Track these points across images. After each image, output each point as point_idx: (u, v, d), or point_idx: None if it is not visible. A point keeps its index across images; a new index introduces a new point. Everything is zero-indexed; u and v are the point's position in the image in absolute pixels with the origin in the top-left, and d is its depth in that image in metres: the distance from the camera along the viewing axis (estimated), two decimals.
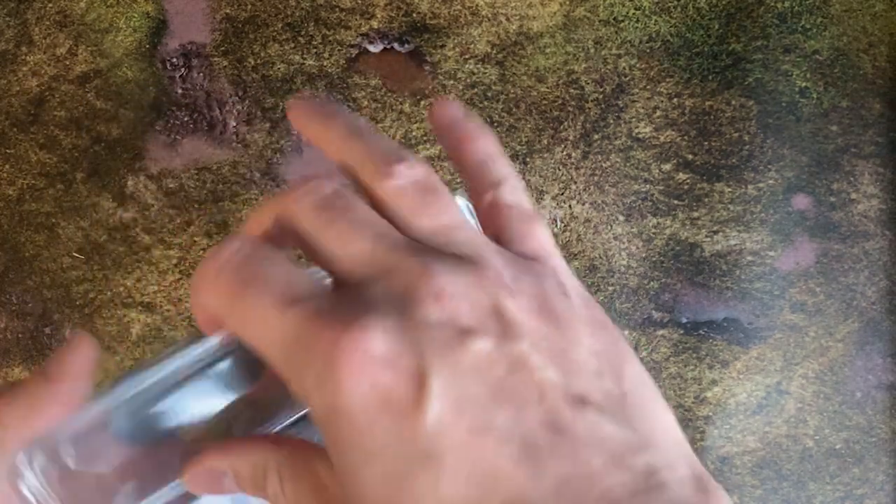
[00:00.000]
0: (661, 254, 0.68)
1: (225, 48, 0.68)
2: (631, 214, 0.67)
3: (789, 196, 0.69)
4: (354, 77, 0.68)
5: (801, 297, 0.69)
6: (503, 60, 0.67)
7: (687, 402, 0.69)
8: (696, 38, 0.68)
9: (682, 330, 0.68)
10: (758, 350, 0.69)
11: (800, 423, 0.70)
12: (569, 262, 0.68)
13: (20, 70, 0.69)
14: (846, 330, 0.69)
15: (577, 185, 0.67)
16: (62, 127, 0.70)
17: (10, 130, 0.70)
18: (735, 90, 0.68)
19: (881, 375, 0.70)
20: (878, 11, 0.69)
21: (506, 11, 0.66)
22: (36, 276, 0.71)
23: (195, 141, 0.70)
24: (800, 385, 0.70)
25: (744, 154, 0.68)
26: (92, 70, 0.68)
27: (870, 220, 0.69)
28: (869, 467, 0.69)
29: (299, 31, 0.67)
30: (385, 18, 0.66)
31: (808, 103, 0.69)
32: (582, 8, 0.67)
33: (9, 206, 0.71)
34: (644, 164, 0.67)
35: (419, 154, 0.68)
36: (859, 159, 0.69)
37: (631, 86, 0.67)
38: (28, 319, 0.72)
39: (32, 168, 0.70)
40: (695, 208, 0.68)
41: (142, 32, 0.68)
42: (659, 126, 0.67)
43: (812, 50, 0.69)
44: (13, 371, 0.72)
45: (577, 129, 0.67)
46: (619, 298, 0.68)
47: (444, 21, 0.66)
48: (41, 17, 0.67)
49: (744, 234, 0.68)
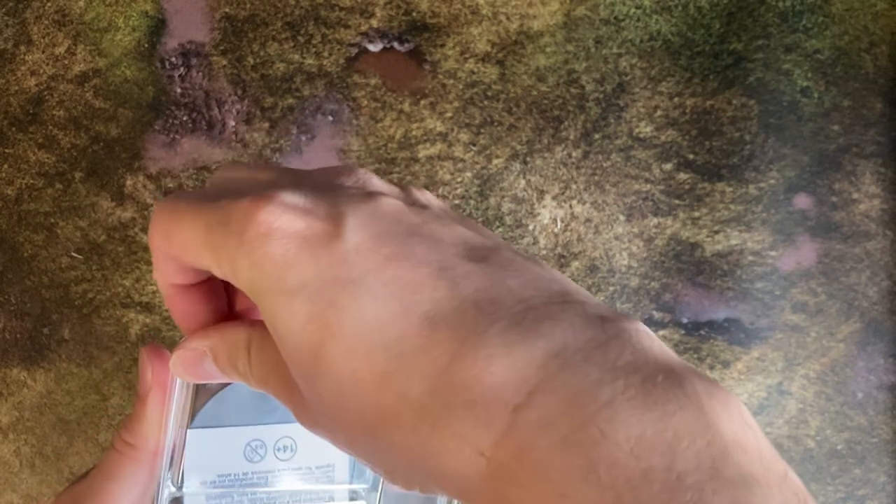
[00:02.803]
0: (661, 254, 0.67)
1: (224, 47, 0.68)
2: (632, 214, 0.67)
3: (790, 196, 0.69)
4: (354, 76, 0.68)
5: (802, 298, 0.69)
6: (503, 59, 0.66)
7: None
8: (697, 37, 0.68)
9: (682, 330, 0.68)
10: (759, 350, 0.69)
11: (801, 424, 0.69)
12: (569, 261, 0.68)
13: (19, 69, 0.68)
14: (848, 330, 0.69)
15: (577, 185, 0.67)
16: (61, 126, 0.69)
17: (8, 130, 0.70)
18: (736, 89, 0.68)
19: (883, 376, 0.69)
20: (880, 10, 0.69)
21: (506, 10, 0.66)
22: (34, 276, 0.71)
23: (194, 140, 0.70)
24: (801, 385, 0.69)
25: (745, 154, 0.68)
26: (91, 69, 0.68)
27: (871, 220, 0.69)
28: (871, 468, 0.69)
29: (299, 30, 0.67)
30: (385, 17, 0.66)
31: (809, 103, 0.69)
32: (582, 7, 0.67)
33: (7, 206, 0.71)
34: (645, 164, 0.67)
35: (419, 154, 0.68)
36: (861, 159, 0.69)
37: (632, 85, 0.67)
38: (26, 319, 0.71)
39: (31, 168, 0.70)
40: (696, 208, 0.68)
41: (140, 31, 0.68)
42: (660, 125, 0.67)
43: (813, 49, 0.69)
44: (12, 371, 0.72)
45: (578, 129, 0.67)
46: (619, 298, 0.68)
47: (444, 20, 0.66)
48: (40, 16, 0.67)
49: (745, 234, 0.68)
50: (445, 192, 0.68)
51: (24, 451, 0.72)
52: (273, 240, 0.20)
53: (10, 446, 0.72)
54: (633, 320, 0.20)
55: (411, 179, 0.67)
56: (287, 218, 0.20)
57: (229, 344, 0.25)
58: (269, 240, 0.20)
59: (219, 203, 0.22)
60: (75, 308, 0.71)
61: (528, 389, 0.18)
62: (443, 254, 0.20)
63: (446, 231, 0.21)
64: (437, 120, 0.67)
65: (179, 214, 0.23)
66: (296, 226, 0.20)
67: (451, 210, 0.24)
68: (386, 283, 0.20)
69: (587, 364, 0.18)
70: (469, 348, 0.19)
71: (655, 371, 0.18)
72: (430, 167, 0.68)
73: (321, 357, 0.20)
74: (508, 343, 0.19)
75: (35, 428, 0.72)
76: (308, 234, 0.20)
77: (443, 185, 0.67)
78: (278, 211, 0.20)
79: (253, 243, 0.20)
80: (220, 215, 0.22)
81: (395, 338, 0.19)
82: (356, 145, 0.68)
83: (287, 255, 0.20)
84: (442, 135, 0.67)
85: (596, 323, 0.19)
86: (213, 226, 0.22)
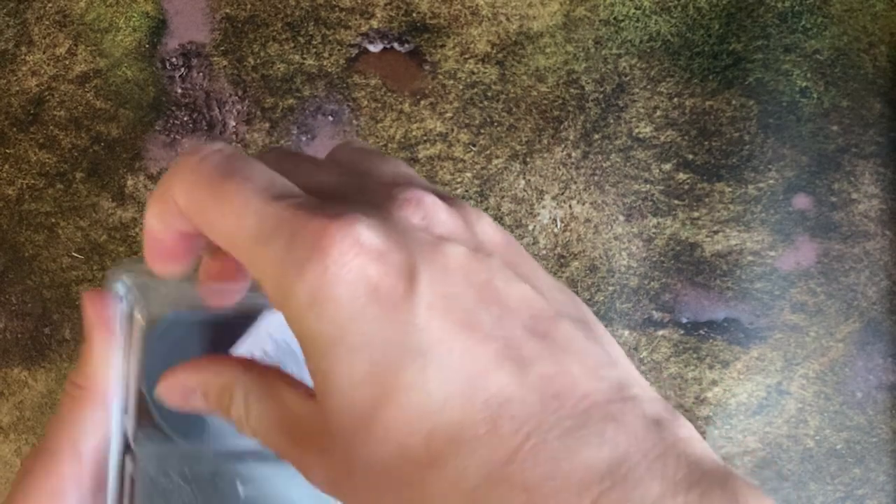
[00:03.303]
0: (661, 254, 0.68)
1: (224, 48, 0.68)
2: (631, 214, 0.67)
3: (790, 196, 0.69)
4: (354, 77, 0.68)
5: (801, 298, 0.69)
6: (503, 60, 0.67)
7: (687, 403, 0.69)
8: (696, 37, 0.68)
9: (682, 330, 0.68)
10: (758, 350, 0.69)
11: (800, 424, 0.69)
12: (569, 262, 0.68)
13: (19, 70, 0.68)
14: (847, 330, 0.69)
15: (577, 185, 0.67)
16: (62, 127, 0.70)
17: (9, 130, 0.70)
18: (735, 90, 0.68)
19: (882, 376, 0.70)
20: (879, 11, 0.69)
21: (506, 11, 0.66)
22: (35, 276, 0.71)
23: (195, 141, 0.70)
24: (800, 385, 0.69)
25: (744, 154, 0.68)
26: (91, 70, 0.68)
27: (871, 220, 0.69)
28: (870, 468, 0.69)
29: (299, 30, 0.67)
30: (385, 18, 0.66)
31: (808, 103, 0.69)
32: (582, 7, 0.67)
33: (8, 206, 0.71)
34: (644, 164, 0.67)
35: (419, 154, 0.68)
36: (860, 159, 0.69)
37: (631, 85, 0.67)
38: (27, 319, 0.72)
39: (32, 168, 0.70)
40: (695, 208, 0.68)
41: (141, 32, 0.68)
42: (659, 126, 0.67)
43: (812, 50, 0.69)
44: (12, 371, 0.72)
45: (578, 129, 0.67)
46: (619, 298, 0.68)
47: (444, 21, 0.66)
48: (41, 16, 0.67)
49: (744, 234, 0.68)
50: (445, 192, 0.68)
51: (24, 450, 0.72)
52: (343, 283, 0.19)
53: (11, 446, 0.72)
54: (683, 424, 0.20)
55: None
56: (361, 261, 0.19)
57: (220, 385, 0.23)
58: (338, 282, 0.19)
59: (282, 203, 0.20)
60: (76, 308, 0.71)
61: (589, 499, 0.18)
62: (509, 326, 0.20)
63: (512, 292, 0.20)
64: (437, 120, 0.67)
65: (229, 195, 0.20)
66: (369, 272, 0.19)
67: (508, 243, 0.23)
68: (453, 359, 0.19)
69: (648, 478, 0.18)
70: (531, 448, 0.18)
71: (711, 485, 0.18)
72: (431, 167, 0.68)
73: (374, 422, 0.19)
74: (571, 448, 0.18)
75: (36, 428, 0.72)
76: (380, 284, 0.19)
77: (443, 186, 0.67)
78: (354, 250, 0.19)
79: (320, 280, 0.19)
80: (282, 220, 0.20)
81: (456, 420, 0.19)
82: None
83: (355, 304, 0.19)
84: (442, 135, 0.67)
85: (653, 429, 0.19)
86: (271, 234, 0.20)
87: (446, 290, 0.19)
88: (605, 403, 0.19)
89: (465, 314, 0.19)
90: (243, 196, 0.20)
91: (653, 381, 0.68)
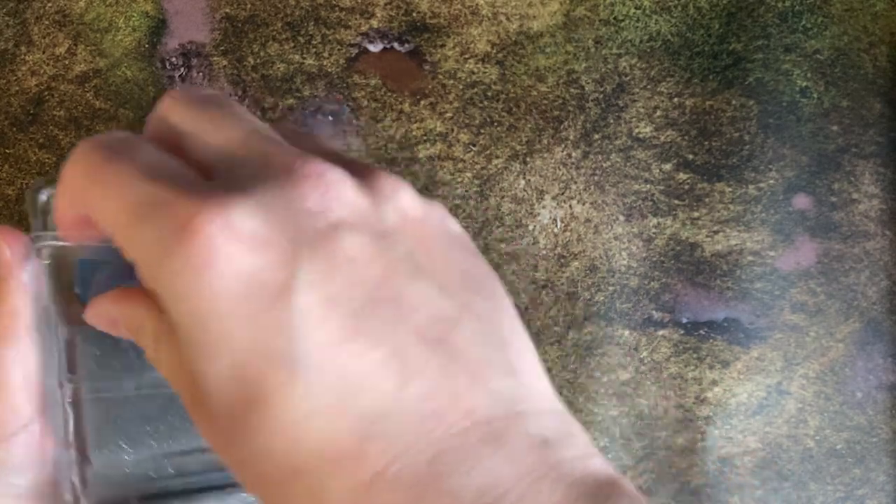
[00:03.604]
0: (661, 254, 0.68)
1: (224, 48, 0.68)
2: (631, 214, 0.67)
3: (790, 196, 0.69)
4: (354, 76, 0.68)
5: (801, 298, 0.69)
6: (503, 60, 0.67)
7: (687, 403, 0.69)
8: (696, 37, 0.68)
9: (682, 330, 0.68)
10: (758, 350, 0.69)
11: (800, 424, 0.69)
12: (569, 262, 0.68)
13: (19, 70, 0.68)
14: (847, 330, 0.69)
15: (577, 185, 0.67)
16: (61, 127, 0.70)
17: (9, 130, 0.70)
18: (735, 90, 0.68)
19: (882, 376, 0.70)
20: (879, 11, 0.69)
21: (506, 11, 0.66)
22: None
23: None
24: (800, 385, 0.69)
25: (744, 154, 0.68)
26: (91, 70, 0.68)
27: (871, 220, 0.69)
28: (870, 468, 0.69)
29: (299, 30, 0.67)
30: (385, 18, 0.66)
31: (808, 103, 0.69)
32: (582, 7, 0.67)
33: (8, 207, 0.71)
34: (644, 164, 0.67)
35: (419, 154, 0.68)
36: (860, 159, 0.69)
37: (631, 85, 0.67)
38: None
39: (32, 168, 0.70)
40: (695, 208, 0.68)
41: (141, 32, 0.68)
42: (659, 126, 0.67)
43: (813, 49, 0.69)
44: None
45: (578, 129, 0.67)
46: (619, 298, 0.68)
47: (444, 20, 0.66)
48: (40, 16, 0.67)
49: (744, 234, 0.68)
50: (445, 192, 0.68)
51: None
52: (207, 275, 0.17)
53: None
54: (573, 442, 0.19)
55: (411, 180, 0.67)
56: (232, 250, 0.17)
57: (136, 325, 0.22)
58: (202, 273, 0.17)
59: (159, 183, 0.19)
60: None
61: None
62: (400, 331, 0.18)
63: (411, 289, 0.19)
64: (437, 120, 0.67)
65: (108, 177, 0.20)
66: (240, 264, 0.18)
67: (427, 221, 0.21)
68: (329, 368, 0.17)
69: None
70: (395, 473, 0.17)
71: None
72: (430, 167, 0.68)
73: (241, 424, 0.18)
74: (437, 474, 0.17)
75: None
76: (252, 279, 0.17)
77: (443, 186, 0.67)
78: (224, 235, 0.17)
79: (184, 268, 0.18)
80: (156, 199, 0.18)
81: (323, 436, 0.18)
82: (356, 145, 0.68)
83: (220, 300, 0.17)
84: (442, 135, 0.67)
85: (535, 450, 0.18)
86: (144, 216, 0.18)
87: (331, 289, 0.18)
88: (487, 422, 0.18)
89: (350, 317, 0.18)
90: (122, 178, 0.19)
91: (653, 382, 0.68)
